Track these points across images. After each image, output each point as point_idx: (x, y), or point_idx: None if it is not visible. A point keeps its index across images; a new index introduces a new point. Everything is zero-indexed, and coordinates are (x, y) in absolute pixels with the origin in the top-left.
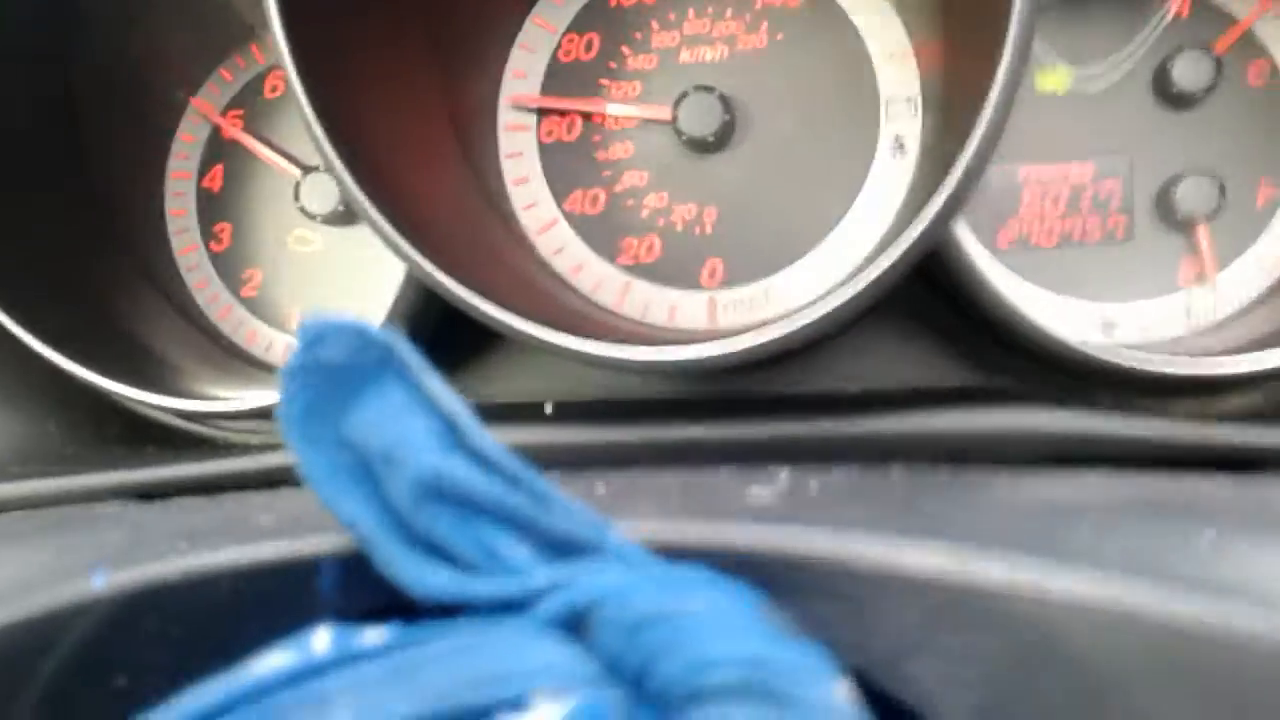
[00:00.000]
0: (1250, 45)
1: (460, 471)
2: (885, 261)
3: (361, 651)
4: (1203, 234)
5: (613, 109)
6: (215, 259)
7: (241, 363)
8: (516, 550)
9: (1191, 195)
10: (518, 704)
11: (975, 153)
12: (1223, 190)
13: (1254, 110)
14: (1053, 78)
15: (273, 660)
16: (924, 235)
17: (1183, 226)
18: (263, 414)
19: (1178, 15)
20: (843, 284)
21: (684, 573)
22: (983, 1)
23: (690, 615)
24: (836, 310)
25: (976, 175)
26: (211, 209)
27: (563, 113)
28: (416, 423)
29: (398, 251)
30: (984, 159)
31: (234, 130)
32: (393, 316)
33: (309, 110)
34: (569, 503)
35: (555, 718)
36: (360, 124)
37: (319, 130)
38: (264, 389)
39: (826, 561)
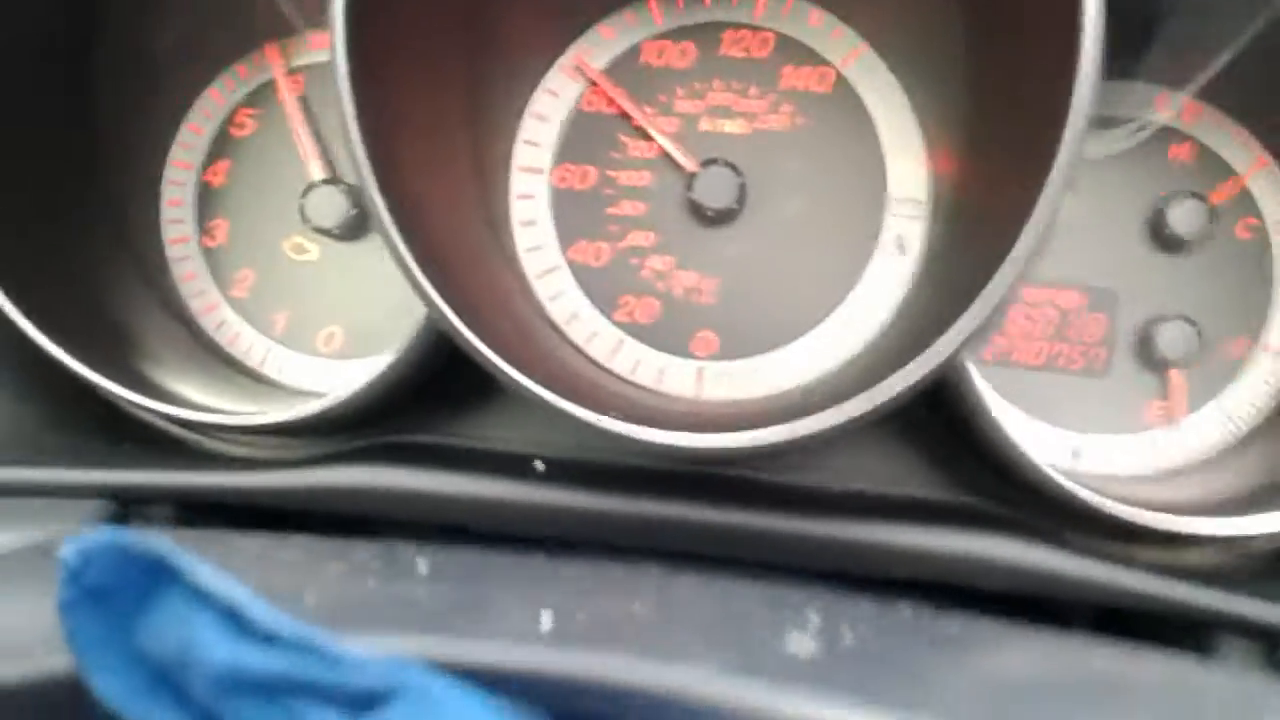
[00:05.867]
0: (1244, 199)
1: (252, 660)
2: (899, 384)
3: None
4: (1176, 378)
5: (651, 131)
6: (208, 254)
7: (220, 363)
8: (325, 716)
9: (1171, 339)
10: None
11: (1009, 284)
12: (1200, 338)
13: (1239, 263)
14: None
15: None
16: (944, 363)
17: (1158, 367)
18: (242, 429)
19: (1180, 161)
20: (842, 398)
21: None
22: (1026, 131)
23: None
24: (840, 426)
25: (1006, 307)
26: (211, 204)
27: (577, 161)
28: (201, 621)
29: (420, 293)
30: (1016, 291)
31: (291, 101)
32: (406, 354)
33: (355, 128)
34: (360, 657)
35: None
36: (393, 148)
37: (361, 152)
38: (243, 397)
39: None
